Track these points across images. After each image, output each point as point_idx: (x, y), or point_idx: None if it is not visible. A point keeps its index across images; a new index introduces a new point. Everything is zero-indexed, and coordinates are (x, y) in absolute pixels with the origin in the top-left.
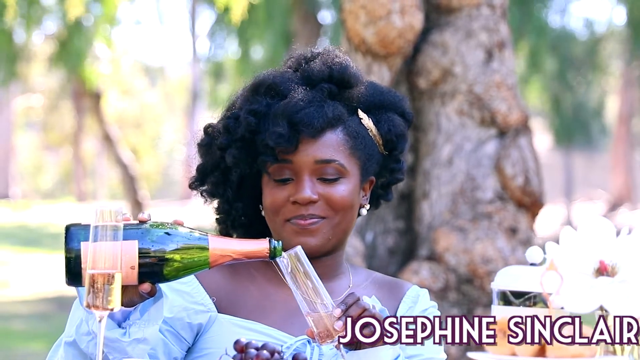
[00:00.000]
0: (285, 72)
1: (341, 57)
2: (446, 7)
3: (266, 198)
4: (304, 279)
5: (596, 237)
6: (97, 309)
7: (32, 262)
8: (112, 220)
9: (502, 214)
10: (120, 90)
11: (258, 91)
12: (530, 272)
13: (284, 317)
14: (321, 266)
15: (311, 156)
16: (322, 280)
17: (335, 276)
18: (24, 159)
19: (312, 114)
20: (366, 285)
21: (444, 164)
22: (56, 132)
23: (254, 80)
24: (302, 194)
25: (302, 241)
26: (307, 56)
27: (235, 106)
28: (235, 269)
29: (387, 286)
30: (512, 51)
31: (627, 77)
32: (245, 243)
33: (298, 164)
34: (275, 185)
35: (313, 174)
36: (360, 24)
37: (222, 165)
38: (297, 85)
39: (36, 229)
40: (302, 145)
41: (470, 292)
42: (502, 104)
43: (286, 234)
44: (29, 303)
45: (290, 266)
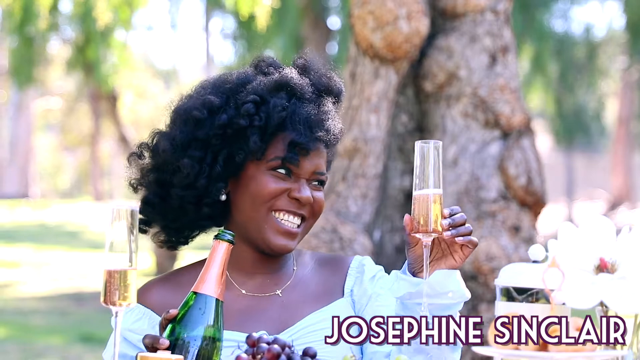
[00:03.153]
0: (301, 77)
1: (333, 72)
2: (451, 13)
3: (258, 185)
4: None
5: (596, 235)
6: (114, 305)
7: (50, 259)
8: (128, 218)
9: (505, 213)
10: (136, 93)
11: (281, 88)
12: (533, 269)
13: (237, 317)
14: (274, 260)
15: (314, 165)
16: (272, 271)
17: (283, 266)
18: (43, 159)
19: (331, 126)
20: (311, 267)
21: (450, 164)
22: (74, 133)
23: (279, 77)
24: (307, 194)
25: (283, 243)
26: (297, 62)
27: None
28: (179, 281)
29: (330, 263)
30: (515, 55)
31: (626, 80)
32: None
33: (303, 167)
34: (273, 175)
35: (309, 179)
36: (368, 29)
37: (214, 142)
38: (312, 93)
39: (55, 227)
40: (313, 152)
41: (475, 288)
42: (506, 107)
43: (267, 226)
44: (47, 299)
45: (425, 152)
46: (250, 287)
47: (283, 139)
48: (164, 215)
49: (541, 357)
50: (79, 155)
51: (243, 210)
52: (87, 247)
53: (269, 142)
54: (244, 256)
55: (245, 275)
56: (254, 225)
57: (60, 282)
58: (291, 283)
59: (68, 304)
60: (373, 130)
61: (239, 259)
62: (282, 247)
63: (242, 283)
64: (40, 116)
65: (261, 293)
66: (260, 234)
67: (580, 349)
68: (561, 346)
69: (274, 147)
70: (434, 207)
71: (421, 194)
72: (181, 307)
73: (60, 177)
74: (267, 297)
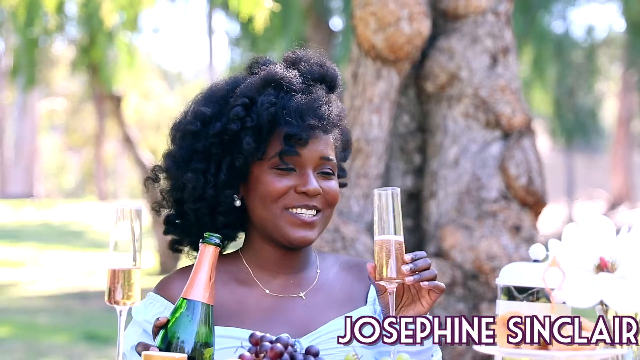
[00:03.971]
0: (288, 70)
1: (327, 60)
2: (453, 14)
3: (264, 186)
4: (391, 215)
5: (597, 235)
6: (118, 304)
7: (55, 258)
8: (132, 218)
9: (506, 213)
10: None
11: (268, 85)
12: (534, 268)
13: (261, 317)
14: (296, 258)
15: (318, 152)
16: (295, 271)
17: (306, 267)
18: (48, 159)
19: (325, 112)
20: (335, 271)
21: (451, 164)
22: (78, 134)
23: (265, 74)
24: (313, 186)
25: (302, 234)
26: (292, 57)
27: (235, 94)
28: None
29: (356, 268)
30: (515, 56)
31: (625, 81)
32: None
33: (305, 157)
34: (277, 173)
35: (315, 168)
36: (370, 31)
37: (214, 150)
38: (302, 83)
39: (59, 226)
40: (312, 140)
41: (476, 287)
42: (507, 107)
43: (283, 222)
44: (52, 298)
45: (384, 200)
46: (274, 287)
47: (279, 135)
48: (188, 232)
49: (542, 355)
50: (84, 155)
51: (257, 212)
52: (92, 246)
53: (267, 141)
54: (266, 255)
55: (269, 274)
56: (270, 224)
57: (65, 281)
58: (315, 286)
59: (73, 303)
60: (375, 131)
61: (262, 258)
62: (301, 239)
63: (266, 282)
64: (45, 117)
65: (284, 294)
66: (278, 231)
67: (580, 347)
68: (561, 345)
69: (273, 145)
70: (395, 254)
71: (382, 239)
72: (172, 314)
73: (64, 177)
74: (291, 298)
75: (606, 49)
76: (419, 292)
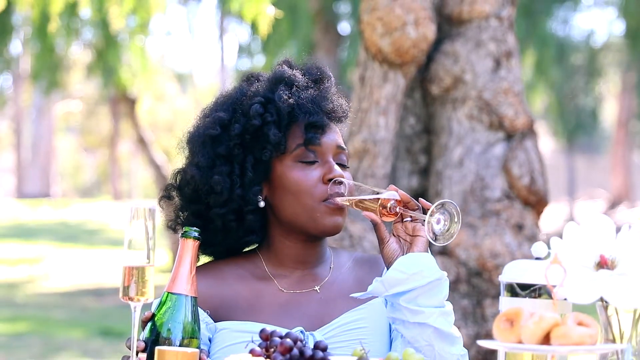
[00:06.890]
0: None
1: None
2: (457, 19)
3: (293, 181)
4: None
5: (597, 233)
6: (132, 300)
7: (71, 256)
8: (146, 217)
9: (509, 212)
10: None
11: (279, 83)
12: (536, 265)
13: (276, 311)
14: (314, 253)
15: (334, 141)
16: (311, 267)
17: (321, 262)
18: (64, 160)
19: (337, 101)
20: (349, 266)
21: (455, 165)
22: (94, 135)
23: (273, 75)
24: (339, 172)
25: (335, 220)
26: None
27: (247, 96)
28: (221, 272)
29: (368, 263)
30: (518, 60)
31: (625, 83)
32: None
33: (324, 146)
34: (302, 166)
35: (334, 157)
36: (377, 35)
37: (237, 152)
38: (307, 80)
39: (75, 225)
40: (327, 129)
41: (480, 284)
42: (510, 109)
43: (320, 214)
44: (68, 294)
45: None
46: (290, 282)
47: (298, 126)
48: (210, 243)
49: (544, 350)
50: (99, 156)
51: (287, 208)
52: (107, 244)
53: (287, 134)
54: (285, 251)
55: (285, 270)
56: (303, 218)
57: (81, 278)
58: (329, 280)
59: (88, 299)
60: (382, 132)
61: (280, 254)
62: (334, 225)
63: (282, 278)
64: (61, 119)
65: (299, 289)
66: (312, 222)
67: (581, 342)
68: (563, 339)
69: (293, 137)
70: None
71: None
72: (157, 307)
73: (80, 177)
74: (305, 292)
75: (606, 52)
76: (413, 232)
